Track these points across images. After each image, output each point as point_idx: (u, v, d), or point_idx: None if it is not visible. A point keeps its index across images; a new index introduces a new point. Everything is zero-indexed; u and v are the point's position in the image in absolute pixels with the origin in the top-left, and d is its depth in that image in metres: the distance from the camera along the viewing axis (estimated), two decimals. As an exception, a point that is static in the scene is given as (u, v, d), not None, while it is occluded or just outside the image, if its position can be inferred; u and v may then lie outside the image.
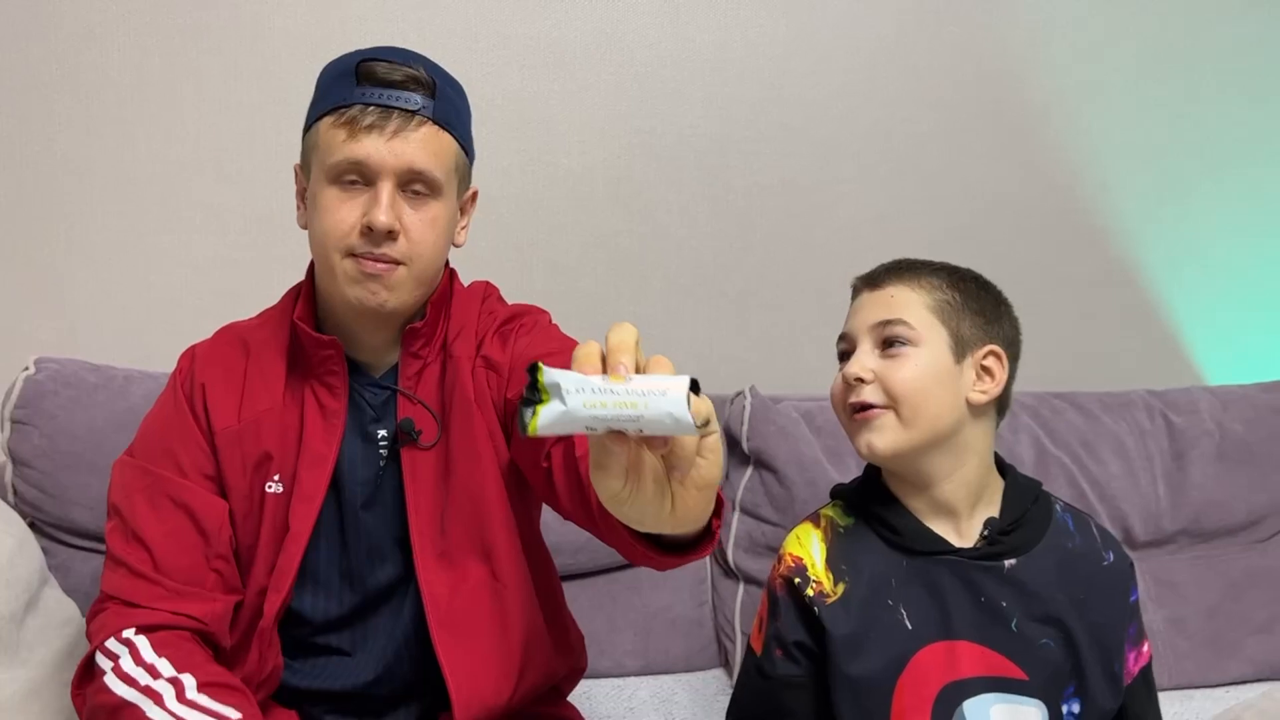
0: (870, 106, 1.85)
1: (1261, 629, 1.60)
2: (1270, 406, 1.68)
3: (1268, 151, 1.92)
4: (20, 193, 1.71)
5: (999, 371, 1.08)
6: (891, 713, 1.04)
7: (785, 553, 1.11)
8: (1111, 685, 1.07)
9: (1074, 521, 1.13)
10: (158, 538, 1.07)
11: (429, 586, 1.08)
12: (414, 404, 1.11)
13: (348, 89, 1.03)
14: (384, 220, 1.01)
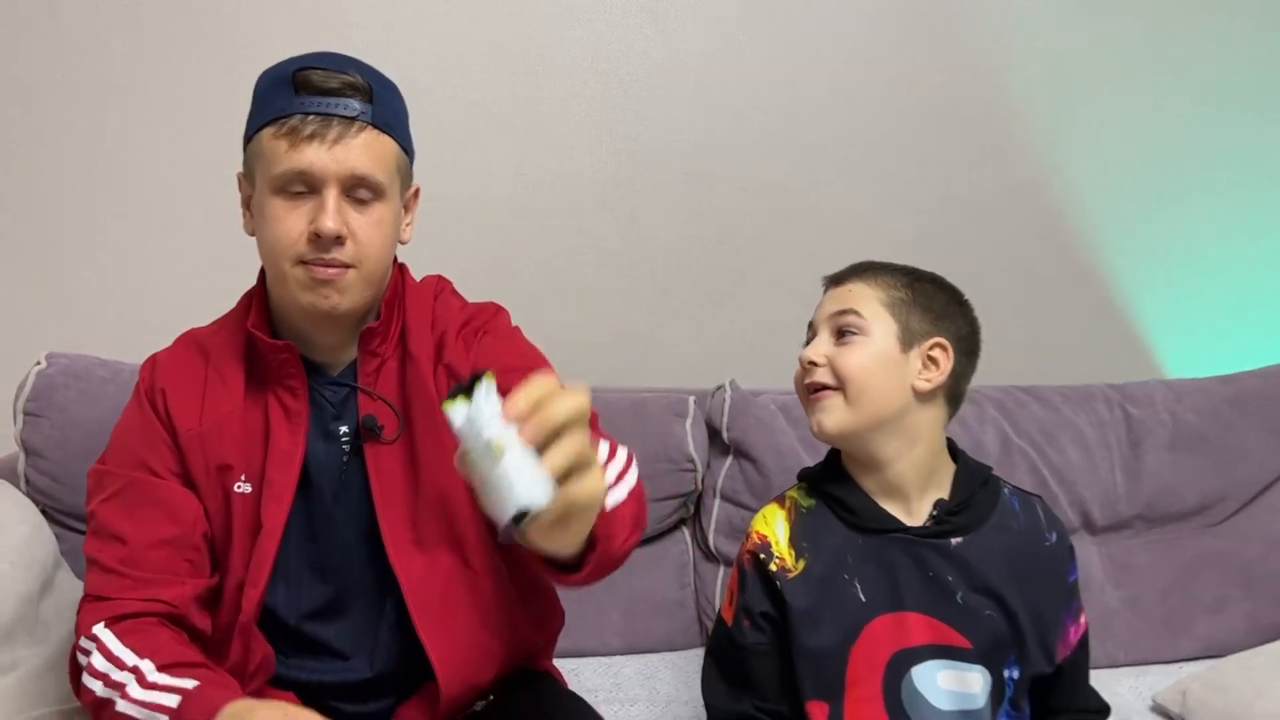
0: (848, 113, 1.91)
1: (1212, 609, 1.67)
2: (1222, 398, 1.75)
3: (1227, 158, 1.98)
4: (31, 197, 1.77)
5: (944, 362, 1.16)
6: (846, 678, 1.12)
7: (753, 531, 1.20)
8: (1046, 654, 1.16)
9: (1020, 504, 1.20)
10: (129, 534, 1.09)
11: (406, 575, 1.11)
12: (374, 400, 1.14)
13: (286, 98, 1.04)
14: (331, 227, 1.03)
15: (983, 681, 1.13)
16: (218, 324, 1.20)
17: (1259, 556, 1.70)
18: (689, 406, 1.70)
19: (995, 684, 1.13)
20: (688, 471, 1.67)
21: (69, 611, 1.37)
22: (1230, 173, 1.99)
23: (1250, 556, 1.70)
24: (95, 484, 1.14)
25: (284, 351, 1.11)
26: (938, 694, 1.12)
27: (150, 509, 1.10)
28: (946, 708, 1.11)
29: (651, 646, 1.64)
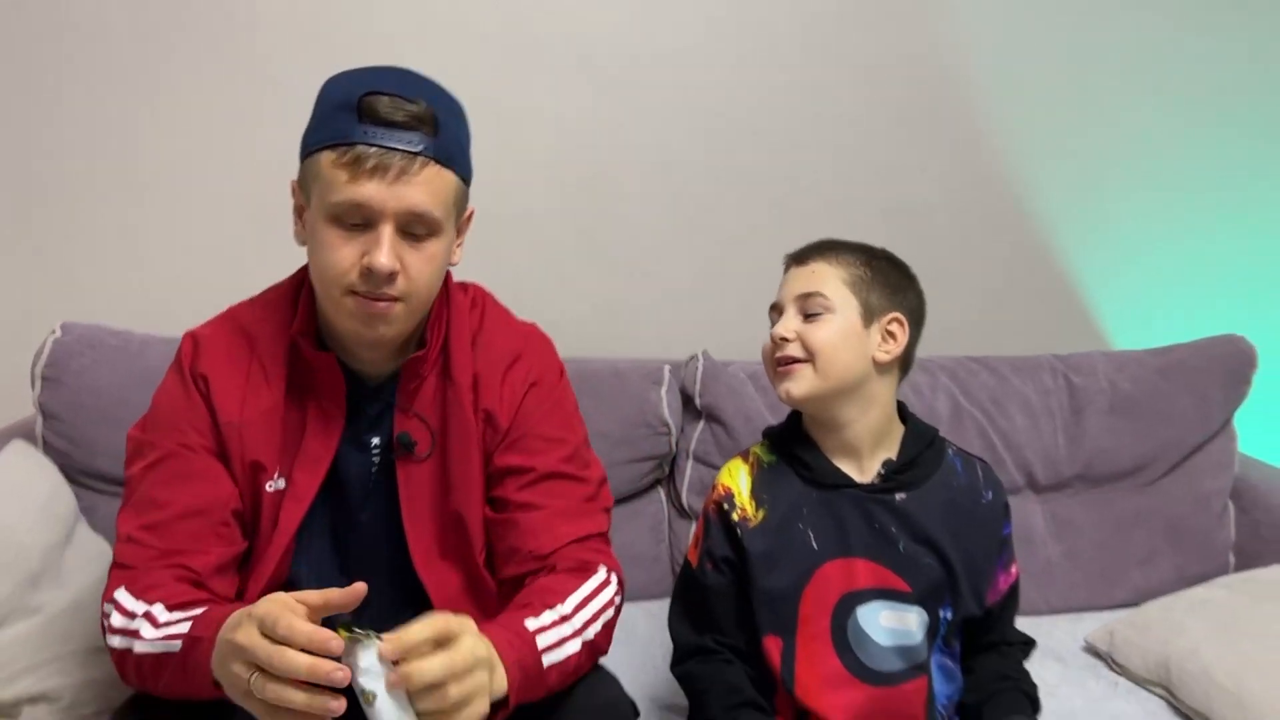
0: (815, 103, 2.00)
1: (1143, 561, 1.81)
2: (1156, 368, 1.87)
3: (1168, 142, 2.09)
4: (42, 179, 1.85)
5: (901, 335, 1.27)
6: (798, 616, 1.23)
7: (718, 482, 1.31)
8: (977, 599, 1.27)
9: (963, 464, 1.32)
10: (163, 504, 1.11)
11: (435, 587, 1.15)
12: (410, 418, 1.16)
13: (349, 124, 1.01)
14: (385, 264, 1.02)
15: (919, 621, 1.24)
16: (264, 309, 1.19)
17: (1186, 514, 1.84)
18: (664, 375, 1.82)
19: (931, 623, 1.24)
20: (662, 435, 1.79)
21: (88, 561, 1.48)
22: (1172, 162, 2.10)
23: (1178, 514, 1.84)
24: (135, 450, 1.16)
25: (328, 365, 1.13)
26: (879, 631, 1.23)
27: (185, 482, 1.11)
28: (886, 643, 1.23)
29: (629, 596, 1.72)
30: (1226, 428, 1.90)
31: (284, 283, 1.22)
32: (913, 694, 1.23)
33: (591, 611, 1.09)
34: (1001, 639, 1.31)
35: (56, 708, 1.31)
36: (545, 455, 1.18)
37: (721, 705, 1.21)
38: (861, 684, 1.22)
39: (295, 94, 1.94)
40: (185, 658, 0.96)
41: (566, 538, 1.14)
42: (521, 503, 1.16)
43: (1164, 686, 1.49)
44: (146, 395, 1.62)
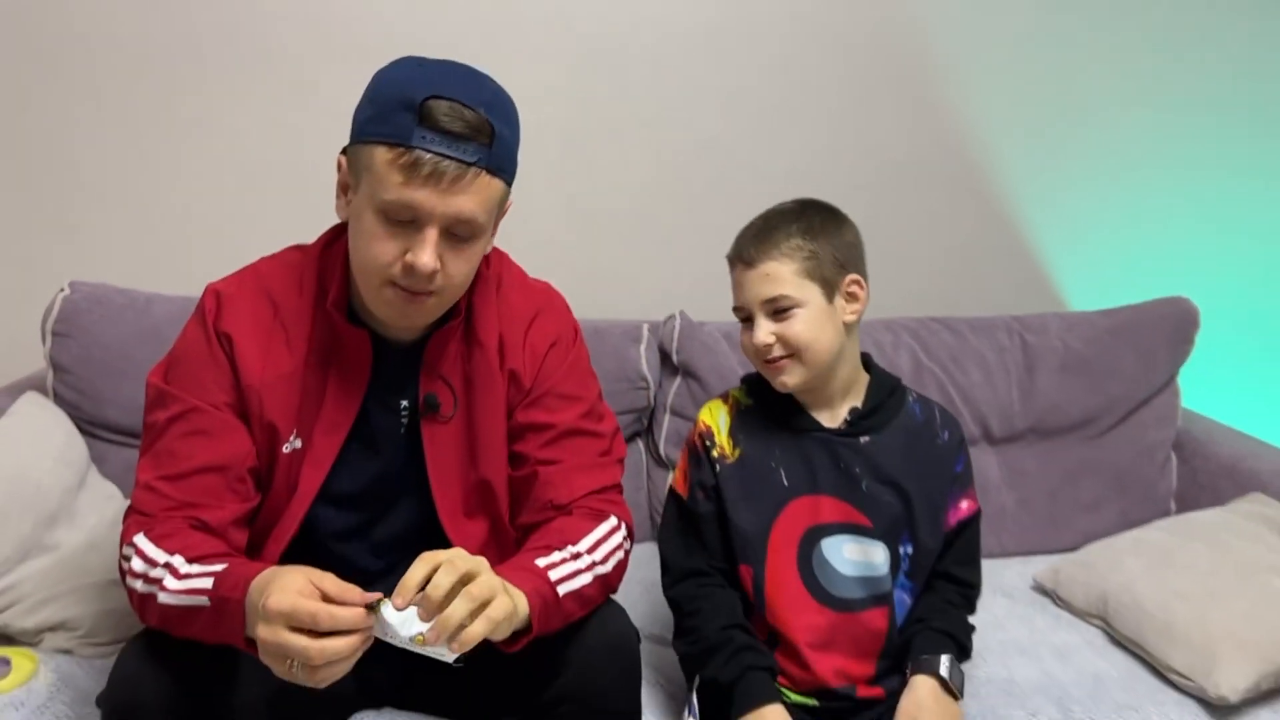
0: (786, 72, 2.09)
1: (1089, 508, 1.93)
2: (1105, 328, 1.98)
3: (1123, 109, 2.18)
4: (48, 145, 1.93)
5: (861, 292, 1.35)
6: (768, 548, 1.34)
7: (700, 419, 1.41)
8: (934, 533, 1.37)
9: (921, 409, 1.42)
10: (182, 457, 1.15)
11: (457, 540, 1.19)
12: (436, 380, 1.21)
13: (408, 127, 1.04)
14: (427, 264, 1.07)
15: (883, 555, 1.34)
16: (290, 269, 1.22)
17: (1130, 464, 1.96)
18: (643, 333, 1.92)
19: (892, 558, 1.34)
20: (642, 389, 1.90)
21: (101, 504, 1.58)
22: (1127, 137, 2.19)
23: (1123, 464, 1.96)
24: (156, 398, 1.19)
25: (359, 339, 1.17)
26: (843, 562, 1.34)
27: (204, 437, 1.15)
28: (849, 573, 1.33)
29: (608, 540, 1.87)
30: (1170, 384, 2.02)
31: (311, 247, 1.25)
32: (873, 621, 1.34)
33: (604, 551, 1.17)
34: (946, 571, 1.39)
35: (75, 635, 1.42)
36: (564, 412, 1.25)
37: (715, 626, 1.30)
38: (824, 608, 1.33)
39: (292, 64, 2.04)
40: (218, 616, 1.01)
41: (583, 489, 1.23)
42: (543, 459, 1.23)
43: (1102, 618, 1.61)
44: (153, 350, 1.72)
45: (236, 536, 1.17)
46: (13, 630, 1.40)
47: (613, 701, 1.15)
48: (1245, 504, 1.74)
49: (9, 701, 1.27)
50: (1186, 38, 2.17)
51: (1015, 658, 1.54)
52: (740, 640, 1.29)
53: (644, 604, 1.66)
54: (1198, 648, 1.44)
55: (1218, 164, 2.23)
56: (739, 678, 1.26)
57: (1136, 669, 1.52)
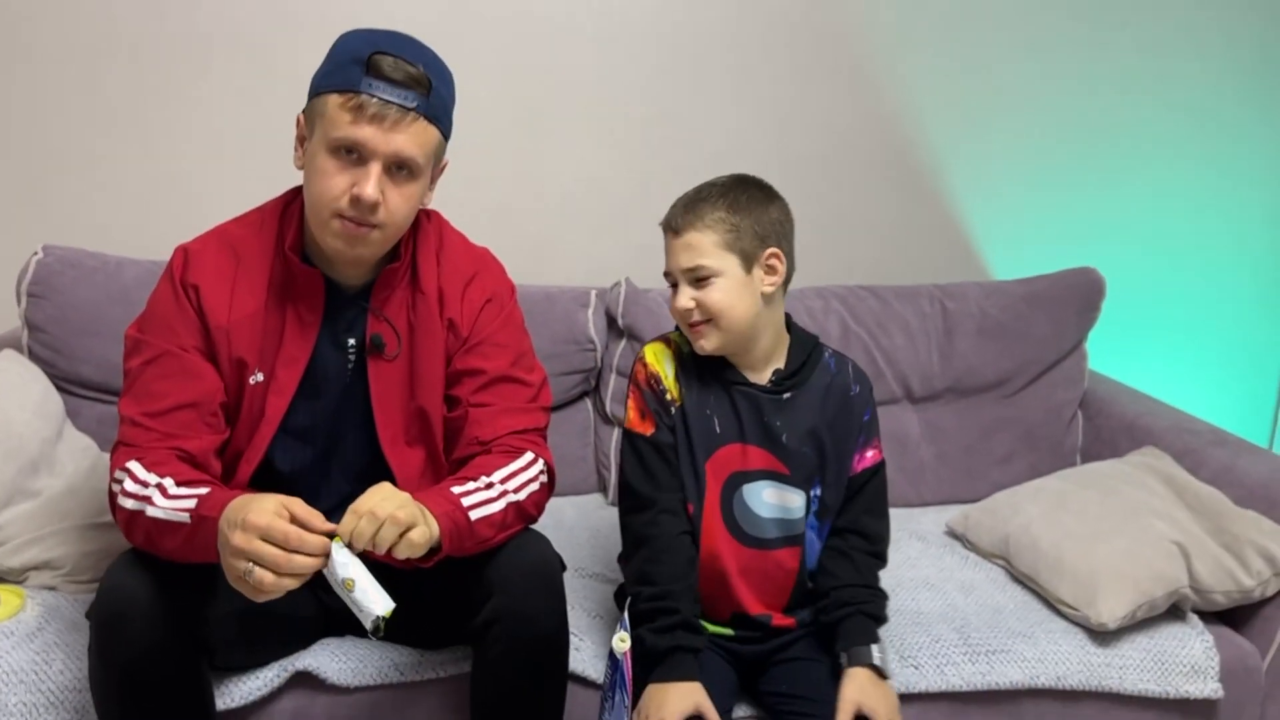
0: (732, 51, 2.20)
1: (1001, 461, 2.09)
2: (1020, 296, 2.14)
3: (1042, 91, 2.32)
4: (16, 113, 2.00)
5: (780, 265, 1.42)
6: (704, 487, 1.45)
7: (648, 361, 1.48)
8: (840, 477, 1.48)
9: (835, 363, 1.51)
10: (160, 395, 1.28)
11: (398, 466, 1.35)
12: (382, 322, 1.34)
13: (356, 75, 1.20)
14: (370, 194, 1.21)
15: (799, 500, 1.47)
16: (250, 226, 1.36)
17: (1040, 421, 2.12)
18: (591, 298, 2.05)
19: (806, 501, 1.48)
20: (589, 351, 2.03)
21: (78, 453, 1.67)
22: (1045, 115, 2.34)
23: (1034, 421, 2.12)
24: (132, 347, 1.32)
25: (312, 277, 1.31)
26: (761, 505, 1.45)
27: (178, 378, 1.29)
28: (766, 515, 1.45)
29: (559, 492, 1.96)
30: (1079, 348, 2.18)
31: (268, 205, 1.38)
32: (786, 560, 1.47)
33: (518, 482, 1.30)
34: (857, 526, 1.49)
35: (59, 574, 1.52)
36: (497, 360, 1.39)
37: (664, 577, 1.39)
38: (742, 546, 1.46)
39: (253, 35, 2.12)
40: (194, 531, 1.15)
41: (506, 429, 1.36)
42: (475, 402, 1.37)
43: (1004, 558, 1.78)
44: (122, 310, 1.83)
45: (214, 465, 1.30)
46: (0, 569, 1.50)
47: (538, 623, 1.26)
48: (1138, 456, 1.91)
49: (0, 631, 1.38)
50: (1103, 24, 2.32)
51: (923, 592, 1.70)
52: (682, 613, 1.37)
53: (589, 546, 1.80)
54: (1082, 581, 1.60)
55: (1127, 144, 2.39)
56: (668, 651, 1.35)
57: (1032, 602, 1.68)
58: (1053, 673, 1.54)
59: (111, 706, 1.21)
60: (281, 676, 1.39)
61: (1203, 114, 2.40)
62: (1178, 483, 1.77)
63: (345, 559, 1.11)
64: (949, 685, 1.52)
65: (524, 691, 1.28)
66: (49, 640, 1.38)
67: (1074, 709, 1.57)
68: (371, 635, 1.12)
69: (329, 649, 1.43)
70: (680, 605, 1.37)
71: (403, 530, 1.13)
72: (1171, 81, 2.38)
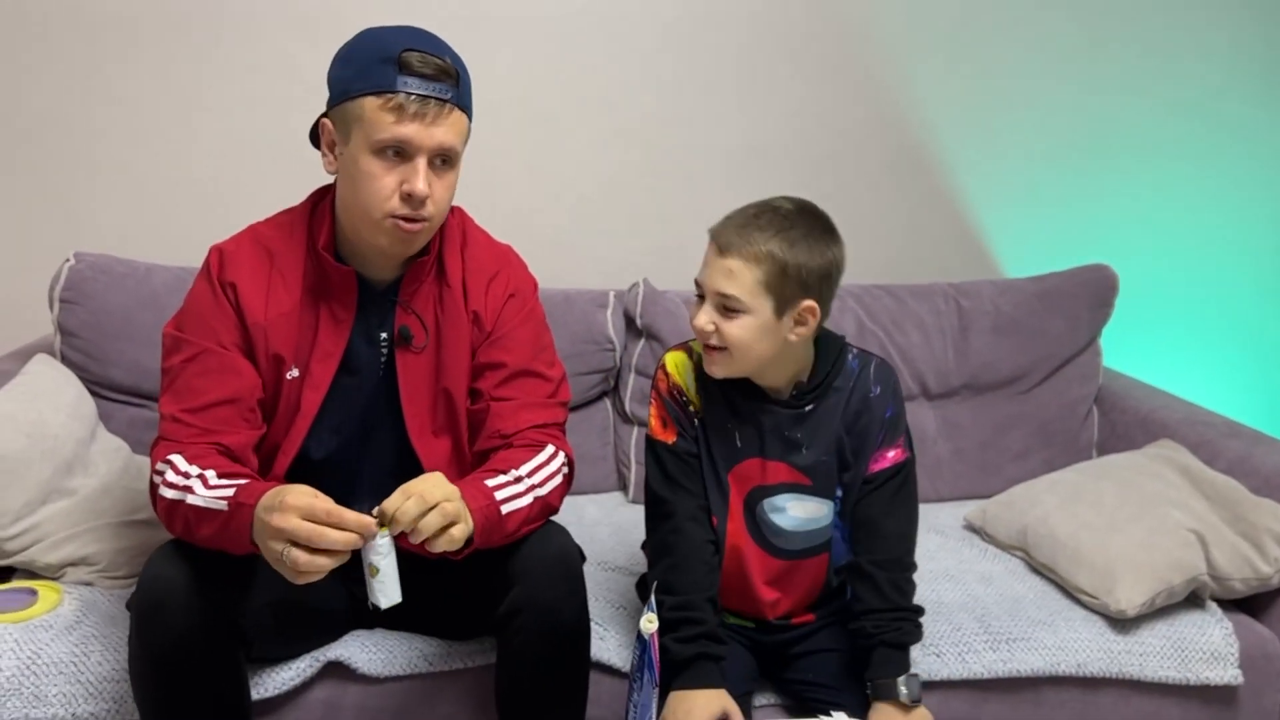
0: (746, 53, 2.23)
1: (1017, 457, 2.10)
2: (1033, 293, 2.16)
3: (1053, 91, 2.35)
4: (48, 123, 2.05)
5: (813, 319, 1.36)
6: (728, 501, 1.44)
7: (670, 372, 1.46)
8: (858, 479, 1.44)
9: (859, 365, 1.46)
10: (200, 392, 1.31)
11: (425, 455, 1.38)
12: (410, 315, 1.38)
13: (390, 76, 1.23)
14: (423, 189, 1.25)
15: (822, 508, 1.45)
16: (282, 227, 1.39)
17: (1055, 417, 2.14)
18: (609, 299, 2.08)
19: (833, 506, 1.46)
20: (608, 351, 2.06)
21: (111, 454, 1.71)
22: (1056, 115, 2.36)
23: (1048, 417, 2.14)
24: (172, 345, 1.36)
25: (346, 275, 1.34)
26: (785, 518, 1.45)
27: (217, 374, 1.32)
28: (790, 528, 1.45)
29: (580, 490, 2.00)
30: (1093, 344, 2.20)
31: (296, 207, 1.42)
32: (814, 565, 1.48)
33: (542, 476, 1.33)
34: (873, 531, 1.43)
35: (94, 570, 1.56)
36: (518, 354, 1.42)
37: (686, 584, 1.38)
38: (770, 557, 1.46)
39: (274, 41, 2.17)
40: (230, 518, 1.18)
41: (527, 424, 1.39)
42: (496, 396, 1.40)
43: (1022, 549, 1.80)
44: (152, 315, 1.86)
45: (251, 460, 1.34)
46: (38, 566, 1.53)
47: (559, 613, 1.28)
48: (1154, 448, 1.92)
49: (40, 624, 1.42)
50: (1111, 25, 2.34)
51: (943, 583, 1.72)
52: (706, 623, 1.37)
53: (611, 542, 1.82)
54: (1101, 570, 1.62)
55: (1138, 142, 2.41)
56: (692, 659, 1.35)
57: (1051, 591, 1.70)
58: (1073, 660, 1.56)
59: (150, 693, 1.24)
60: (314, 667, 1.42)
61: (1209, 112, 2.42)
62: (1193, 473, 1.79)
63: (384, 549, 1.15)
64: (970, 673, 1.54)
65: (547, 679, 1.31)
66: (87, 633, 1.41)
67: (1094, 696, 1.58)
68: (370, 607, 1.18)
69: (359, 640, 1.46)
70: (704, 614, 1.38)
71: (446, 524, 1.15)
72: (1178, 81, 2.40)
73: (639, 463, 2.03)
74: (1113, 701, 1.59)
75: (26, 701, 1.34)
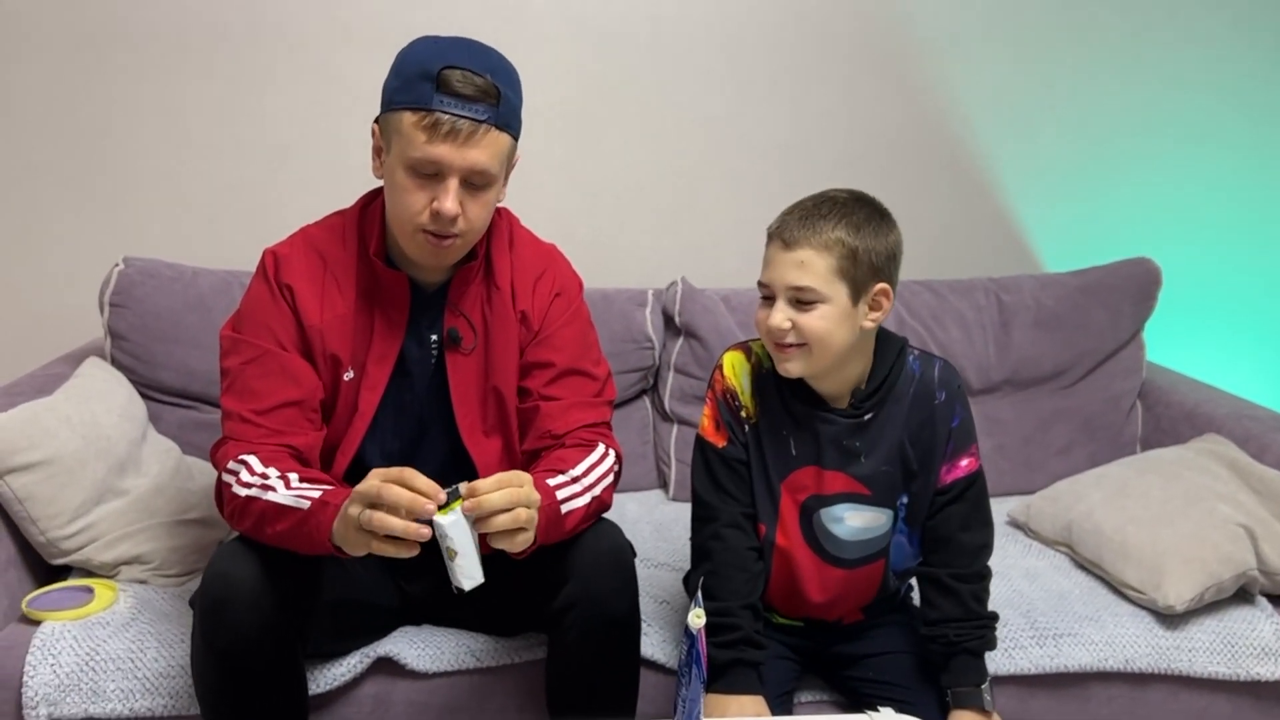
0: (782, 52, 2.23)
1: (1061, 452, 2.09)
2: (1075, 287, 2.14)
3: (1092, 84, 2.33)
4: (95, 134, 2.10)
5: (887, 302, 1.34)
6: (778, 510, 1.42)
7: (725, 374, 1.44)
8: (928, 485, 1.42)
9: (921, 368, 1.41)
10: (263, 394, 1.32)
11: (478, 455, 1.39)
12: (459, 317, 1.39)
13: (427, 93, 1.22)
14: (450, 209, 1.25)
15: (881, 518, 1.41)
16: (333, 230, 1.40)
17: (1098, 411, 2.12)
18: (648, 298, 2.09)
19: (893, 514, 1.43)
20: (647, 349, 2.07)
21: (162, 455, 1.74)
22: (1097, 109, 2.34)
23: (1092, 411, 2.12)
24: (230, 347, 1.37)
25: (398, 280, 1.36)
26: (842, 528, 1.42)
27: (279, 376, 1.33)
28: (847, 537, 1.42)
29: (620, 488, 2.01)
30: (1136, 338, 2.18)
31: (348, 210, 1.43)
32: (871, 574, 1.46)
33: (596, 475, 1.34)
34: (951, 545, 1.43)
35: (148, 568, 1.59)
36: (565, 352, 1.43)
37: (727, 592, 1.38)
38: (826, 565, 1.44)
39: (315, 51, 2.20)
40: (310, 515, 1.19)
41: (577, 423, 1.40)
42: (545, 395, 1.41)
43: (1067, 545, 1.78)
44: (201, 318, 1.90)
45: (316, 462, 1.36)
46: (93, 564, 1.56)
47: (613, 606, 1.30)
48: (1200, 442, 1.90)
49: (96, 621, 1.45)
50: (1151, 16, 2.32)
51: (989, 579, 1.70)
52: (744, 629, 1.37)
53: (652, 540, 1.83)
54: (1148, 565, 1.60)
55: (1180, 133, 2.38)
56: (730, 664, 1.36)
57: (1097, 587, 1.69)
58: (1121, 655, 1.54)
59: (212, 690, 1.26)
60: (364, 663, 1.44)
61: (1251, 102, 2.39)
62: (1241, 467, 1.77)
63: (461, 526, 1.14)
64: (1017, 668, 1.53)
65: (600, 674, 1.33)
66: (142, 629, 1.44)
67: (1143, 692, 1.57)
68: (455, 590, 1.17)
69: (408, 636, 1.48)
70: (741, 621, 1.37)
71: (515, 529, 1.16)
72: (1220, 71, 2.37)
73: (680, 460, 2.03)
74: (1161, 698, 1.57)
75: (85, 697, 1.37)
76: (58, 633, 1.41)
